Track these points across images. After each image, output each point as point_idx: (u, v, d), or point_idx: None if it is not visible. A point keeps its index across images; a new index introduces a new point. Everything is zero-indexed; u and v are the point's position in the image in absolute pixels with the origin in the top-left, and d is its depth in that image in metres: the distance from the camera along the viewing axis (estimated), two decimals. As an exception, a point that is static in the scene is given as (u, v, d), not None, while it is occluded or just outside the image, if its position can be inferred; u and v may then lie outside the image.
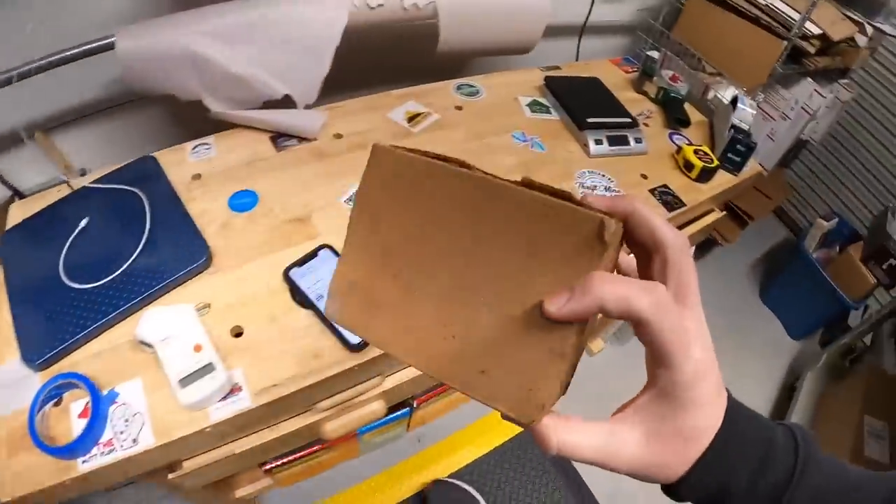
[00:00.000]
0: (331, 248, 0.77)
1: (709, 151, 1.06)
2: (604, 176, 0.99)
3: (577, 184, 0.97)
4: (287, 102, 0.90)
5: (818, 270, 1.76)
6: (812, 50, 1.27)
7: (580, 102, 1.11)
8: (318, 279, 0.74)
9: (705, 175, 1.04)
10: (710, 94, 1.34)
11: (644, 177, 1.02)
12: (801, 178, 2.20)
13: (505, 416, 0.27)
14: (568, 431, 0.27)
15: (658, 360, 0.26)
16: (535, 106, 1.13)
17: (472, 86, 1.15)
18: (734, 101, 1.13)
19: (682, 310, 0.26)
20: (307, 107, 0.93)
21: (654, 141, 1.13)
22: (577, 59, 1.44)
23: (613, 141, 1.04)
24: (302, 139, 0.94)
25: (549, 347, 0.26)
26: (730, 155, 1.10)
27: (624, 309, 0.24)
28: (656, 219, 0.27)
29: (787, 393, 1.74)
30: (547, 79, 1.17)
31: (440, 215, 0.30)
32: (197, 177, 0.84)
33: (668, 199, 0.99)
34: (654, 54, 1.28)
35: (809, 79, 1.49)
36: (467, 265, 0.29)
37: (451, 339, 0.29)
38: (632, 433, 0.27)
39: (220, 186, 0.83)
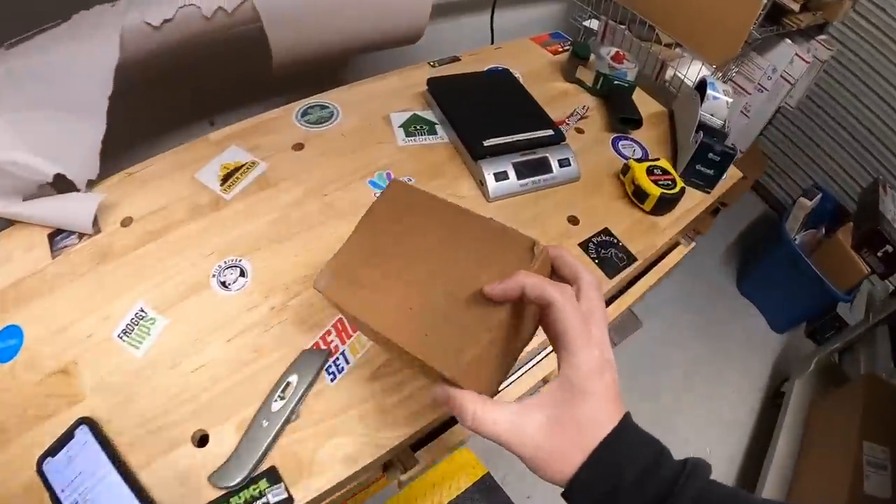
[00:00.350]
0: (91, 424, 0.51)
1: (668, 168, 0.77)
2: None
3: None
4: (67, 183, 0.66)
5: (801, 258, 1.54)
6: (796, 6, 0.96)
7: (476, 113, 0.81)
8: (78, 472, 0.49)
9: (665, 205, 0.76)
10: (669, 74, 1.02)
11: (573, 221, 0.74)
12: (776, 146, 1.94)
13: (439, 376, 0.36)
14: (484, 407, 0.34)
15: (562, 345, 0.33)
16: (413, 126, 0.83)
17: (324, 106, 0.84)
18: (701, 87, 0.83)
19: (588, 321, 0.34)
20: (90, 184, 0.69)
21: (592, 156, 0.83)
22: (492, 42, 1.09)
23: (526, 170, 0.75)
24: (83, 233, 0.67)
25: (481, 320, 0.36)
26: (699, 167, 0.81)
27: (539, 294, 0.33)
28: (573, 260, 0.38)
29: (773, 401, 1.56)
30: (430, 82, 0.85)
31: (424, 227, 0.44)
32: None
33: (609, 254, 0.72)
34: (593, 24, 1.01)
35: (788, 40, 1.19)
36: (437, 262, 0.41)
37: (409, 310, 0.40)
38: (537, 415, 0.33)
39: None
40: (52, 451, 0.51)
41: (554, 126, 0.78)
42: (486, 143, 0.73)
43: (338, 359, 0.56)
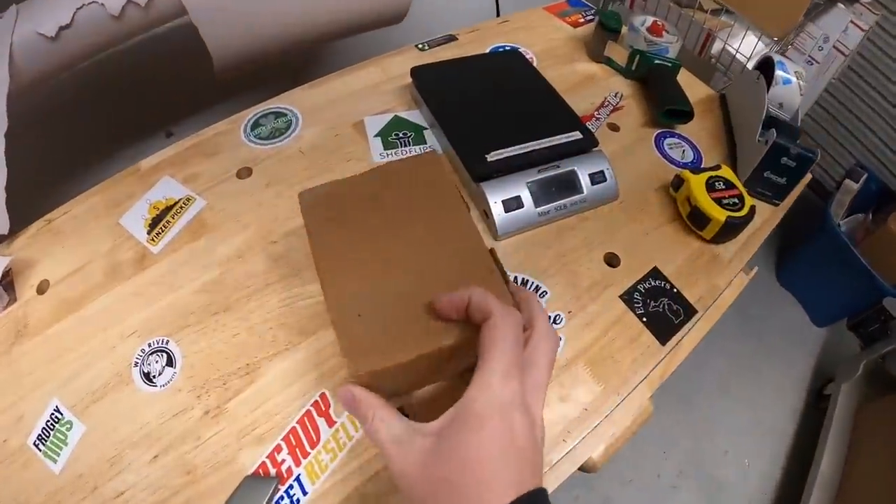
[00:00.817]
0: None
1: (733, 179, 0.58)
2: (526, 286, 0.55)
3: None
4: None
5: (848, 248, 1.33)
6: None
7: (476, 113, 0.60)
8: None
9: (730, 231, 0.57)
10: (716, 48, 0.79)
11: (612, 261, 0.56)
12: (815, 122, 1.63)
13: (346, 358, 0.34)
14: (383, 413, 0.31)
15: (480, 362, 0.29)
16: (393, 133, 0.63)
17: (280, 114, 0.66)
18: (764, 66, 0.61)
19: (520, 357, 0.30)
20: (2, 239, 0.58)
21: (630, 162, 0.63)
22: (497, 14, 0.87)
23: (546, 193, 0.56)
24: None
25: (421, 338, 0.34)
26: (769, 175, 0.62)
27: (482, 303, 0.31)
28: (536, 306, 0.35)
29: (817, 405, 1.39)
30: (415, 72, 0.65)
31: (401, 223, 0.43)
32: None
33: (660, 307, 0.54)
34: None
35: (841, 5, 0.93)
36: (412, 259, 0.40)
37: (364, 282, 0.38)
38: (426, 440, 0.28)
39: None
40: None
41: (582, 126, 0.58)
42: (489, 158, 0.54)
43: (291, 488, 0.41)
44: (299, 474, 0.43)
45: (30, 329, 0.53)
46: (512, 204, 0.54)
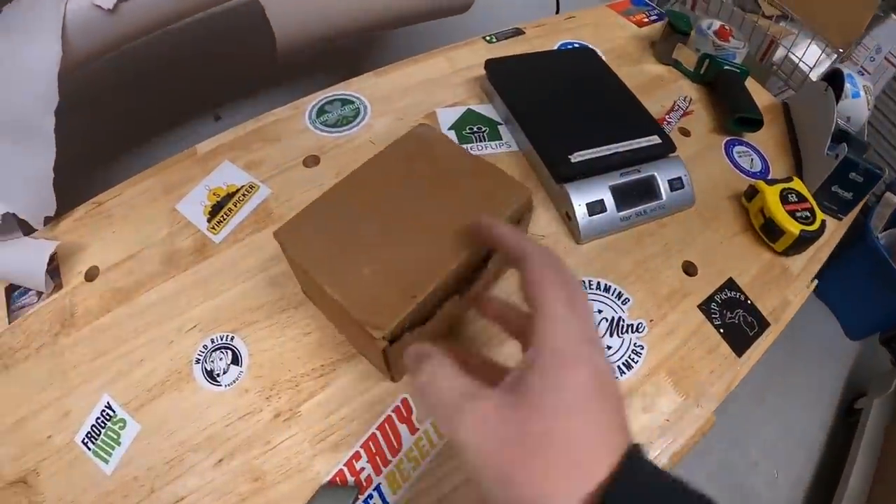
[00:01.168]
0: None
1: (805, 192, 0.57)
2: (609, 292, 0.52)
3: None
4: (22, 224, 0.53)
5: (887, 261, 1.31)
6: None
7: (556, 112, 0.58)
8: None
9: (801, 245, 0.56)
10: (777, 55, 0.77)
11: (690, 270, 0.54)
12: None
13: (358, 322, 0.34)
14: (448, 371, 0.24)
15: (535, 309, 0.25)
16: (468, 127, 0.60)
17: (347, 101, 0.63)
18: (833, 79, 0.59)
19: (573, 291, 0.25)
20: (48, 221, 0.54)
21: (702, 169, 0.62)
22: (557, 11, 0.84)
23: (627, 197, 0.54)
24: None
25: (418, 272, 0.36)
26: (836, 190, 0.60)
27: (516, 242, 0.28)
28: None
29: (847, 418, 1.37)
30: (489, 64, 0.62)
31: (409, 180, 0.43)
32: None
33: (735, 318, 0.52)
34: None
35: (895, 16, 0.92)
36: (408, 219, 0.40)
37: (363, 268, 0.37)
38: (500, 396, 0.22)
39: None
40: None
41: (660, 130, 0.55)
42: (573, 159, 0.51)
43: (370, 498, 0.38)
44: (379, 483, 0.40)
45: (77, 319, 0.50)
46: (595, 207, 0.51)
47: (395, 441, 0.41)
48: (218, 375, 0.45)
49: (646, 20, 0.80)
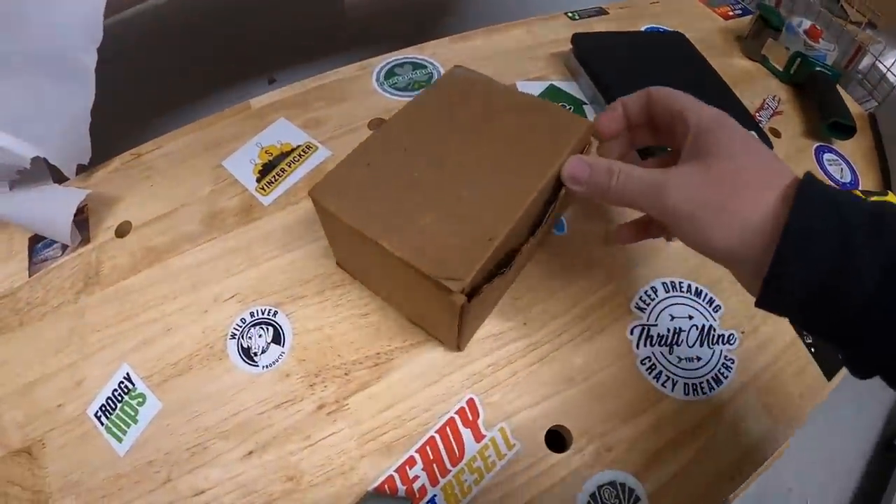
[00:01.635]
0: None
1: None
2: (700, 296, 0.46)
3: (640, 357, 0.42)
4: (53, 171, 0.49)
5: None
6: None
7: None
8: None
9: None
10: (863, 63, 0.70)
11: None
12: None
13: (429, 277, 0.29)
14: (622, 166, 0.30)
15: (676, 122, 0.31)
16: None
17: (419, 65, 0.58)
18: None
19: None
20: (81, 170, 0.50)
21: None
22: None
23: None
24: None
25: (487, 212, 0.31)
26: None
27: (670, 98, 0.32)
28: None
29: (884, 454, 1.29)
30: (577, 39, 0.58)
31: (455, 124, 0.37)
32: None
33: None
34: None
35: None
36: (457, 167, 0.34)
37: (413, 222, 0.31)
38: (679, 167, 0.28)
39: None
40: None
41: (757, 127, 0.51)
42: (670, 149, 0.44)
43: None
44: (434, 496, 0.34)
45: (102, 277, 0.45)
46: None
47: (456, 448, 0.35)
48: (255, 355, 0.39)
49: (730, 13, 0.74)
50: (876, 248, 0.22)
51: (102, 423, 0.39)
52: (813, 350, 0.44)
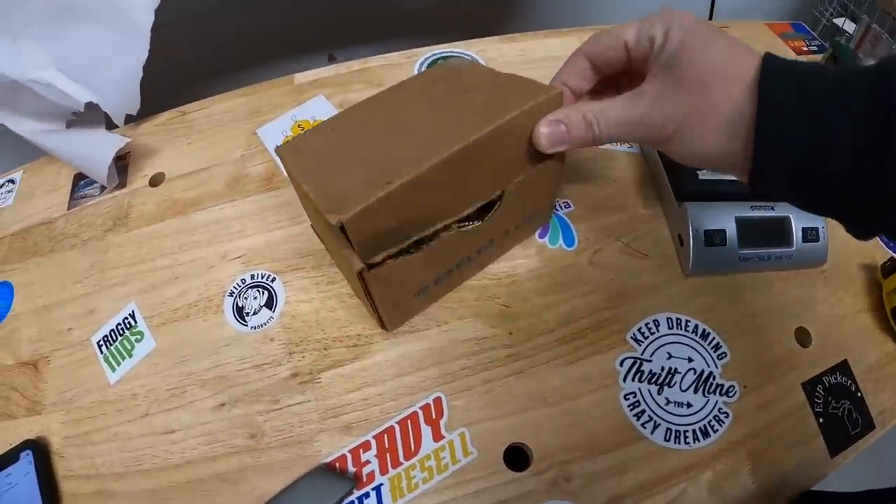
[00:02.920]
0: (38, 453, 0.39)
1: None
2: (705, 339, 0.44)
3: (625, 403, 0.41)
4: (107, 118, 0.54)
5: None
6: None
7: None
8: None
9: None
10: None
11: (803, 339, 0.45)
12: None
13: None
14: (596, 110, 0.30)
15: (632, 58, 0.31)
16: None
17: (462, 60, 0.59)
18: None
19: None
20: (129, 119, 0.55)
21: (838, 226, 0.48)
22: (710, 15, 0.77)
23: (754, 235, 0.46)
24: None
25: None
26: None
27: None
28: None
29: None
30: None
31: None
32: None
33: (840, 409, 0.44)
34: (847, 25, 0.73)
35: None
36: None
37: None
38: (648, 85, 0.29)
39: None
40: (-3, 464, 0.41)
41: None
42: (701, 176, 0.44)
43: (366, 496, 0.33)
44: (381, 484, 0.35)
45: (130, 220, 0.49)
46: (714, 237, 0.43)
47: (413, 442, 0.36)
48: (247, 314, 0.41)
49: (804, 48, 0.71)
50: (845, 122, 0.23)
51: (102, 352, 0.43)
52: (821, 420, 0.42)
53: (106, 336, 0.44)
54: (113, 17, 0.49)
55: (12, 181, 0.57)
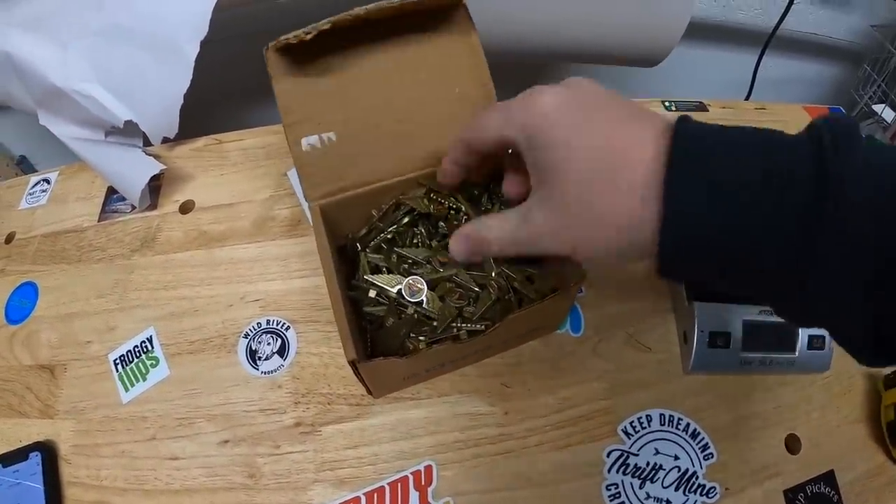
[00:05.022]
0: (47, 456, 0.45)
1: None
2: (694, 438, 0.47)
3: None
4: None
5: None
6: None
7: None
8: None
9: None
10: None
11: (793, 446, 0.48)
12: None
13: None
14: (490, 223, 0.31)
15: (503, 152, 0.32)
16: None
17: None
18: None
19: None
20: (166, 142, 0.61)
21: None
22: (749, 92, 0.80)
23: (758, 339, 0.49)
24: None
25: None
26: None
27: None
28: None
29: None
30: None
31: None
32: (10, 238, 0.60)
33: None
34: (886, 112, 0.77)
35: None
36: None
37: None
38: (539, 208, 0.27)
39: (17, 266, 0.57)
40: (5, 461, 0.45)
41: None
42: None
43: None
44: None
45: (157, 244, 0.55)
46: (719, 340, 0.48)
47: None
48: (259, 359, 0.46)
49: None
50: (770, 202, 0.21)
51: (117, 370, 0.49)
52: (799, 536, 0.45)
53: (123, 356, 0.49)
54: (160, 43, 0.55)
55: (47, 181, 0.63)
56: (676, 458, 0.46)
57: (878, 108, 0.82)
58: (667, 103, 0.73)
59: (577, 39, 0.67)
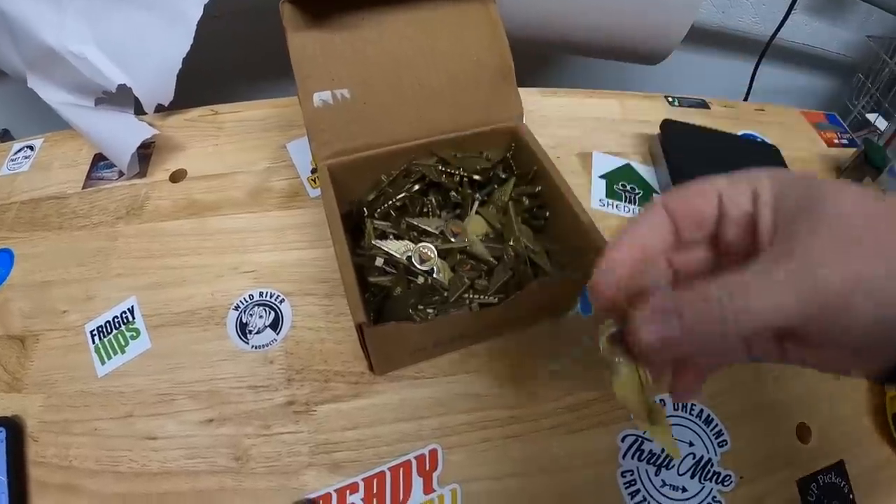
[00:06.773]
0: (13, 433, 0.39)
1: None
2: (708, 425, 0.45)
3: None
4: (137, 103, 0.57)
5: None
6: None
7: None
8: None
9: None
10: None
11: (804, 435, 0.46)
12: None
13: None
14: (727, 282, 0.20)
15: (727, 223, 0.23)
16: (620, 182, 0.57)
17: None
18: None
19: None
20: (159, 109, 0.56)
21: None
22: (746, 98, 0.80)
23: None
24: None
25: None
26: None
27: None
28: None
29: None
30: (666, 125, 0.60)
31: None
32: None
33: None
34: (879, 121, 0.76)
35: None
36: None
37: None
38: (781, 261, 0.19)
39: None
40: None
41: None
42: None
43: None
44: None
45: (144, 213, 0.50)
46: None
47: (402, 491, 0.37)
48: (250, 332, 0.42)
49: (836, 141, 0.74)
50: None
51: (94, 342, 0.44)
52: (814, 519, 0.42)
53: (101, 326, 0.45)
54: (162, 4, 0.51)
55: (31, 147, 0.59)
56: (691, 444, 0.43)
57: (871, 116, 0.82)
58: (670, 98, 0.72)
59: (584, 33, 0.66)
